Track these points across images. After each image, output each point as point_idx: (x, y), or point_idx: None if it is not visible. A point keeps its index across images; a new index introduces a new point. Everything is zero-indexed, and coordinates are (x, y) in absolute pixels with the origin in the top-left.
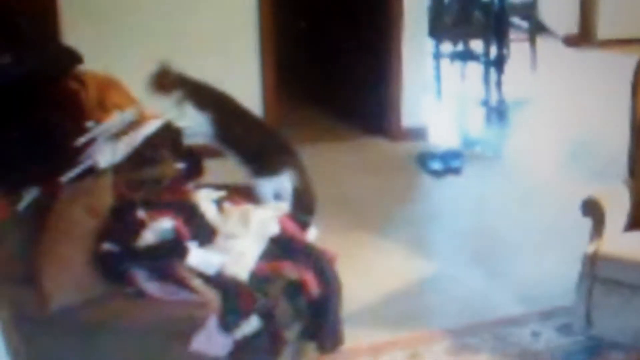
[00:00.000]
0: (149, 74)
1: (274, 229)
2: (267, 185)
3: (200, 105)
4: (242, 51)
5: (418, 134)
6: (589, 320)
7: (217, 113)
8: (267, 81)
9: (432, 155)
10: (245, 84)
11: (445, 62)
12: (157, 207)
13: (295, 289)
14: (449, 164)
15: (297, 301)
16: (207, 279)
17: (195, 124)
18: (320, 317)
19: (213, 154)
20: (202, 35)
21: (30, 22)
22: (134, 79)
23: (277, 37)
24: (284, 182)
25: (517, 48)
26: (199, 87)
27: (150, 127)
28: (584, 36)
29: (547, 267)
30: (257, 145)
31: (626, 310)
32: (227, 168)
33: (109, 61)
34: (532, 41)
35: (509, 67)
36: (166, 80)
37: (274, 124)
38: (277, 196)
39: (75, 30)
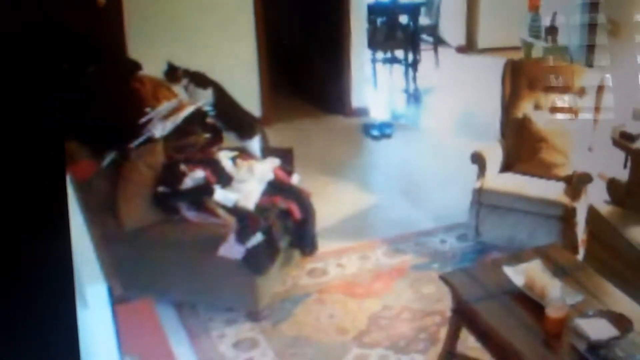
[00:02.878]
0: (163, 72)
1: (270, 176)
2: (252, 145)
3: (203, 85)
4: (245, 58)
5: (363, 111)
6: (477, 231)
7: (215, 89)
8: (263, 80)
9: (372, 126)
10: (247, 82)
11: (379, 65)
12: (193, 163)
13: (285, 214)
14: (384, 131)
15: (287, 222)
16: (228, 209)
17: (204, 99)
18: (302, 233)
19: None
20: (223, 53)
21: (107, 42)
22: None
23: (268, 51)
24: (257, 142)
25: (425, 55)
26: (198, 74)
27: (187, 111)
28: (469, 46)
29: (450, 197)
30: (236, 117)
31: (501, 224)
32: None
33: (159, 67)
34: (435, 50)
35: (420, 67)
36: (176, 74)
37: (269, 109)
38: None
39: (136, 46)
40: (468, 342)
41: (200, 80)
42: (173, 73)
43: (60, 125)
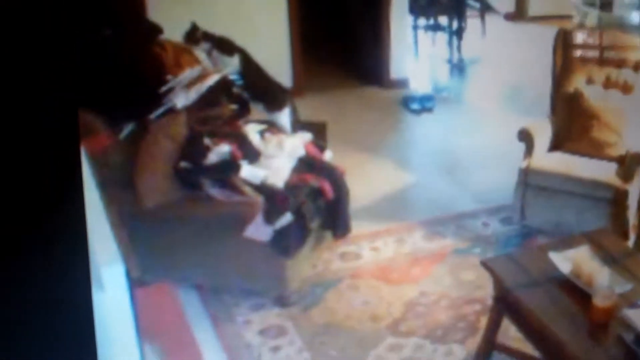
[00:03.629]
0: (184, 32)
1: (301, 152)
2: (281, 118)
3: (227, 51)
4: (275, 25)
5: (402, 83)
6: (523, 214)
7: (241, 56)
8: (295, 47)
9: (412, 99)
10: (277, 49)
11: (421, 32)
12: (218, 136)
13: (317, 193)
14: (425, 104)
15: (318, 202)
16: (255, 187)
17: (229, 67)
18: (334, 213)
19: None
20: (250, 18)
21: (125, 3)
22: None
23: (302, 15)
24: (286, 115)
25: (471, 22)
26: (221, 40)
27: (211, 80)
28: (519, 13)
29: (494, 176)
30: (264, 87)
31: (548, 207)
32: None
33: (181, 31)
34: (482, 17)
35: (465, 35)
36: (195, 36)
37: (301, 78)
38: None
39: (157, 8)
40: (509, 332)
41: (225, 46)
42: (193, 34)
43: (73, 93)
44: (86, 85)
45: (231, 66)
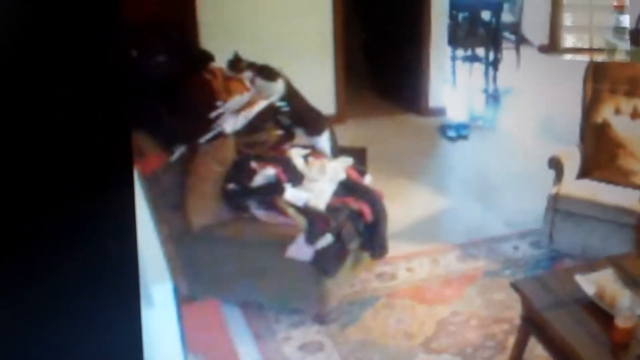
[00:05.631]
0: (227, 61)
1: (342, 175)
2: (321, 142)
3: (269, 78)
4: (321, 56)
5: (440, 111)
6: (551, 238)
7: (284, 81)
8: (338, 75)
9: (449, 126)
10: (322, 78)
11: (458, 63)
12: (264, 160)
13: (356, 216)
14: (460, 132)
15: (357, 224)
16: (298, 209)
17: (274, 93)
18: (372, 235)
19: None
20: (295, 47)
21: (179, 32)
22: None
23: (345, 44)
24: (326, 139)
25: (507, 53)
26: (264, 67)
27: (259, 106)
28: (552, 46)
29: (524, 202)
30: (303, 112)
31: (575, 231)
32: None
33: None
34: (517, 49)
35: (501, 66)
36: (239, 65)
37: (343, 105)
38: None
39: (209, 37)
40: (536, 351)
41: (267, 73)
42: (236, 63)
43: (128, 115)
44: (140, 108)
45: (275, 92)
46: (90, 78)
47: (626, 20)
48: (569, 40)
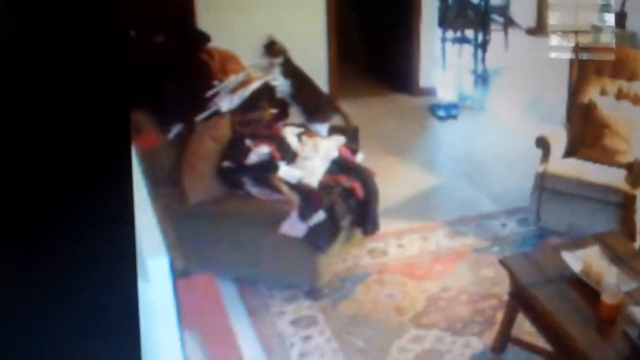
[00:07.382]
0: (261, 43)
1: (335, 154)
2: (319, 127)
3: (285, 74)
4: (314, 37)
5: (430, 91)
6: (538, 216)
7: (295, 81)
8: (332, 56)
9: (439, 106)
10: (316, 58)
11: (448, 44)
12: (258, 138)
13: (348, 193)
14: (450, 112)
15: (349, 201)
16: (291, 186)
17: (280, 85)
18: (364, 212)
19: None
20: (289, 26)
21: (175, 12)
22: (242, 50)
23: (338, 25)
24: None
25: (495, 36)
26: (288, 60)
27: (254, 85)
28: (539, 27)
29: (512, 180)
30: (314, 103)
31: (562, 209)
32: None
33: (227, 39)
34: (505, 31)
35: (489, 48)
36: (274, 48)
37: (336, 85)
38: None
39: (206, 18)
40: (524, 326)
41: (288, 66)
42: (271, 47)
43: (126, 93)
44: (139, 87)
45: (284, 84)
46: (88, 57)
47: (611, 3)
48: (555, 22)
